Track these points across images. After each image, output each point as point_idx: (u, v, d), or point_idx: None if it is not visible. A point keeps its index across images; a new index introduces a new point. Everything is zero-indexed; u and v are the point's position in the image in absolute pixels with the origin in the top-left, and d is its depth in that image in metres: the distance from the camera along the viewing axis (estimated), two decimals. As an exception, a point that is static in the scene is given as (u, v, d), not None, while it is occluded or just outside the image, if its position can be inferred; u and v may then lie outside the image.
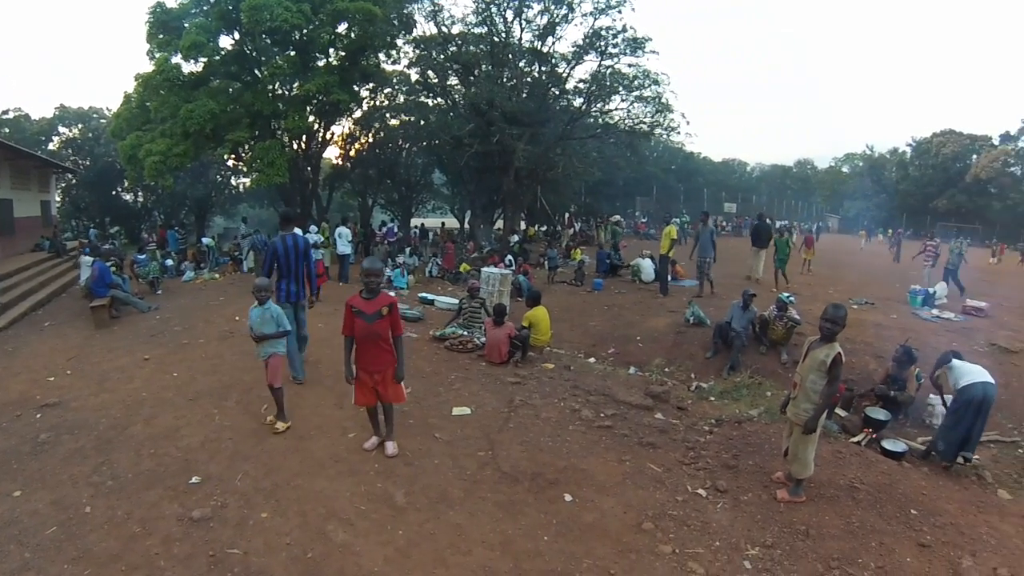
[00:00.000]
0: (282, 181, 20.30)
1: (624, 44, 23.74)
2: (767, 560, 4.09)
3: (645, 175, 42.35)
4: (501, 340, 8.13)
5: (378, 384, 4.96)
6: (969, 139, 61.43)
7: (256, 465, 4.95)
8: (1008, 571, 4.09)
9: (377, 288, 4.93)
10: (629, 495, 4.81)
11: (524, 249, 22.48)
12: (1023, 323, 12.20)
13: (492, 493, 4.70)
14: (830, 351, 4.57)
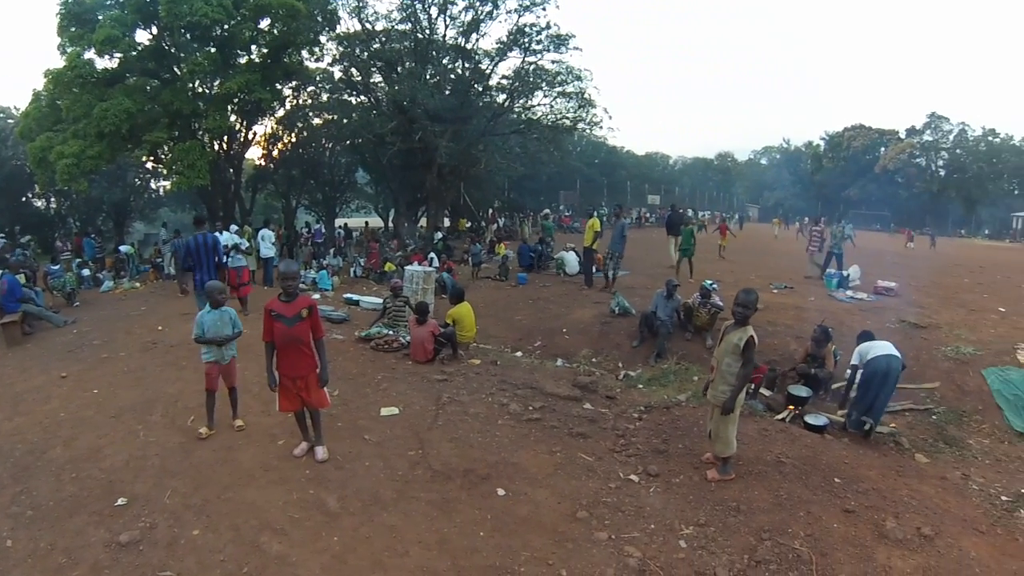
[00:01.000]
0: (203, 183, 19.86)
1: (548, 41, 24.41)
2: (701, 538, 4.28)
3: (568, 169, 43.47)
4: (425, 338, 8.18)
5: (301, 390, 4.95)
6: (878, 133, 67.85)
7: (184, 481, 4.82)
8: (930, 529, 4.44)
9: (296, 291, 4.91)
10: (562, 485, 4.91)
11: (448, 246, 22.68)
12: (930, 300, 13.24)
13: (425, 492, 4.72)
14: (743, 334, 4.84)
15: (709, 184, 74.98)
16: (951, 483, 5.49)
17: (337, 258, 20.10)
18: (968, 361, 8.99)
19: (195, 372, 7.21)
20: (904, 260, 23.19)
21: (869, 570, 3.99)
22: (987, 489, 5.44)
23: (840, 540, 4.30)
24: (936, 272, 19.31)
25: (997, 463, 6.46)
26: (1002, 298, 14.26)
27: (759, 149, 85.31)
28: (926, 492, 5.14)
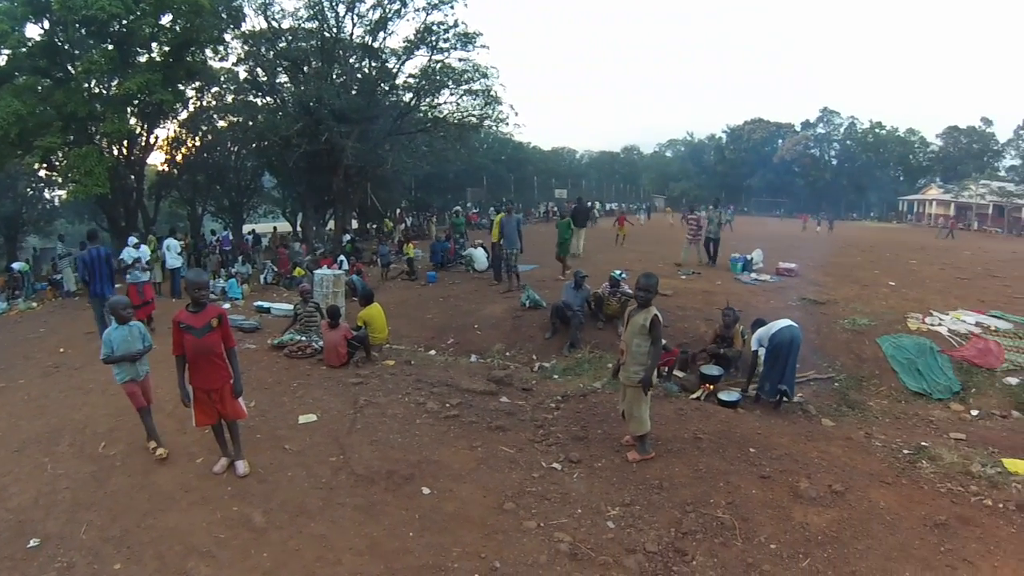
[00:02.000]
0: (102, 192, 18.73)
1: (455, 39, 24.74)
2: (628, 517, 4.46)
3: (475, 166, 44.06)
4: (338, 342, 8.18)
5: (216, 402, 4.91)
6: (775, 126, 74.44)
7: (100, 513, 4.61)
8: (841, 485, 4.85)
9: (205, 300, 4.86)
10: (486, 479, 5.00)
11: (357, 248, 22.58)
12: (828, 279, 14.37)
13: (350, 498, 4.73)
14: (647, 315, 5.13)
15: (616, 177, 77.95)
16: (856, 442, 5.97)
17: (246, 266, 19.86)
18: (864, 331, 9.90)
19: (103, 395, 6.92)
20: (802, 243, 25.02)
21: (788, 528, 4.30)
22: (889, 445, 5.95)
23: (759, 504, 4.62)
24: (832, 253, 20.92)
25: (896, 420, 7.17)
26: (891, 273, 15.79)
27: (664, 142, 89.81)
28: (834, 453, 5.59)
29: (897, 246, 25.00)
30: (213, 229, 33.35)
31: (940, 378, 8.56)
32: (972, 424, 7.28)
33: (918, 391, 8.34)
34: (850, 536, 4.23)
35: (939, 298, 12.49)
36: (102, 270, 9.68)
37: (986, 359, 8.95)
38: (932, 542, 4.18)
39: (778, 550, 4.07)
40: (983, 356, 9.03)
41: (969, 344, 9.51)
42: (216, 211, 35.23)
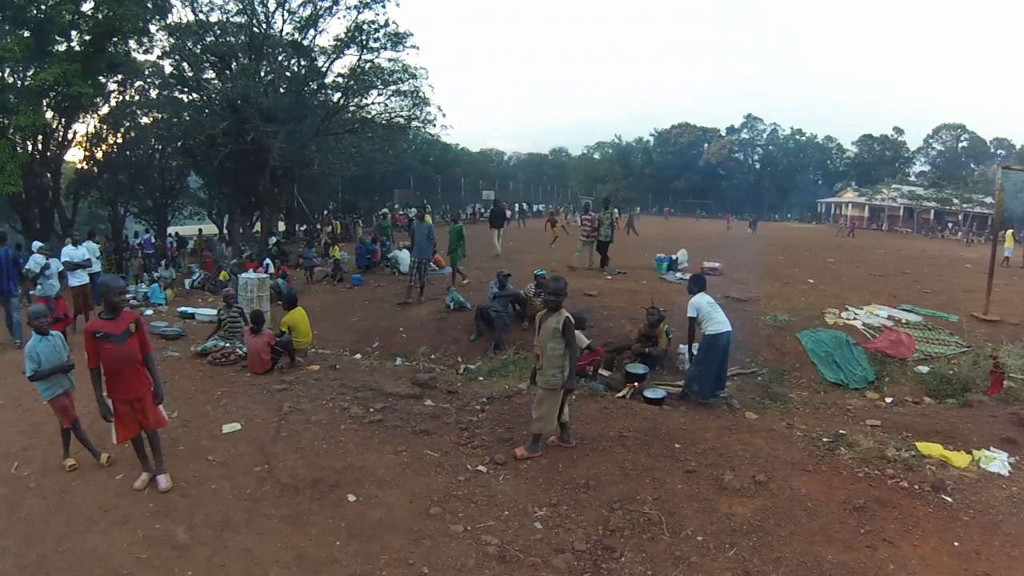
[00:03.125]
0: (15, 190, 17.75)
1: (386, 39, 24.93)
2: (555, 517, 4.51)
3: (403, 168, 44.21)
4: (261, 348, 8.14)
5: (138, 412, 4.81)
6: (701, 131, 78.79)
7: (14, 539, 4.40)
8: (764, 475, 5.07)
9: (120, 306, 4.77)
10: (412, 484, 4.98)
11: (283, 251, 22.32)
12: (750, 277, 15.06)
13: (276, 508, 4.66)
14: (559, 318, 5.26)
15: (544, 178, 79.96)
16: (778, 433, 6.23)
17: (169, 269, 19.54)
18: (784, 327, 10.46)
19: (15, 411, 6.64)
20: (727, 243, 26.13)
21: (714, 520, 4.45)
22: (810, 434, 6.23)
23: (685, 498, 4.75)
24: (755, 252, 22.01)
25: (816, 411, 7.55)
26: (810, 271, 16.78)
27: (592, 144, 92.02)
28: (757, 444, 5.82)
29: (816, 245, 26.55)
30: (136, 231, 32.53)
31: (856, 369, 9.12)
32: (887, 411, 7.72)
33: (836, 382, 8.84)
34: (774, 524, 4.39)
35: (855, 294, 13.33)
36: (8, 269, 9.83)
37: (898, 350, 9.61)
38: (852, 525, 4.40)
39: (705, 541, 4.19)
40: (896, 347, 9.69)
41: (882, 336, 10.18)
42: (139, 212, 33.89)
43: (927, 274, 18.24)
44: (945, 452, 5.71)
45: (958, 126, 72.98)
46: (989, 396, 7.95)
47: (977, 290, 12.87)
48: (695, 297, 7.48)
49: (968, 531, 4.39)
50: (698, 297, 7.46)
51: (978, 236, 42.52)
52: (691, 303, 7.45)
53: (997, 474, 5.39)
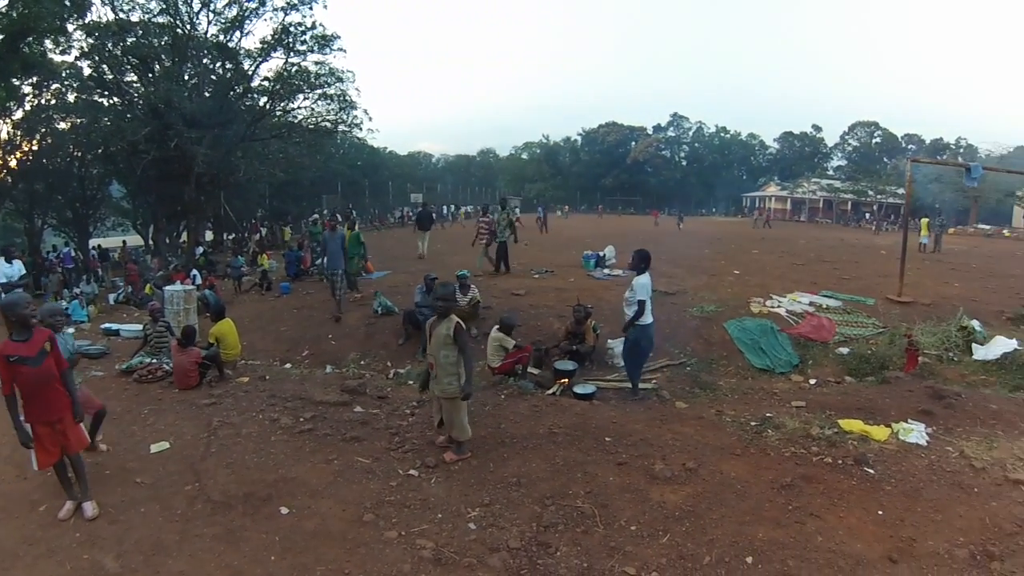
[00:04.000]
0: None
1: (313, 41, 25.05)
2: (489, 516, 4.53)
3: (331, 173, 44.21)
4: (188, 365, 7.99)
5: (60, 434, 4.65)
6: (629, 130, 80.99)
7: None
8: (694, 462, 5.21)
9: (31, 323, 4.57)
10: (344, 492, 4.94)
11: (210, 261, 21.80)
12: (678, 270, 15.61)
13: (208, 527, 4.54)
14: (449, 325, 5.33)
15: (472, 180, 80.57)
16: (708, 420, 6.42)
17: (91, 285, 19.12)
18: (712, 317, 10.92)
19: None
20: (654, 238, 27.07)
21: (646, 509, 4.54)
22: (738, 419, 6.44)
23: (617, 490, 4.83)
24: (682, 246, 22.76)
25: (744, 396, 7.86)
26: (736, 263, 17.50)
27: (520, 145, 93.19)
28: (687, 432, 5.98)
29: (741, 238, 27.85)
30: (55, 244, 31.28)
31: (781, 354, 9.56)
32: (811, 392, 8.10)
33: (762, 368, 9.25)
34: (705, 508, 4.52)
35: (778, 283, 13.99)
36: None
37: (820, 334, 10.13)
38: (781, 503, 4.58)
39: (638, 530, 4.27)
40: (817, 331, 10.22)
41: (805, 322, 10.72)
42: (58, 224, 32.80)
43: (846, 261, 19.36)
44: (866, 427, 6.00)
45: (872, 123, 78.02)
46: (905, 372, 8.53)
47: (892, 275, 13.66)
48: (643, 277, 7.36)
49: (891, 500, 4.65)
50: (645, 277, 7.37)
51: (892, 225, 45.23)
52: (641, 285, 7.29)
53: (916, 444, 5.71)
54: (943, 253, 24.49)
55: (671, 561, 3.93)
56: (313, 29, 24.87)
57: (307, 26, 24.77)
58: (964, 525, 4.34)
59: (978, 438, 5.97)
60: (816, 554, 3.99)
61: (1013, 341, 9.23)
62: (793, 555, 3.97)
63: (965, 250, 27.35)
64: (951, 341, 9.57)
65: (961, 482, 4.99)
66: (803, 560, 3.92)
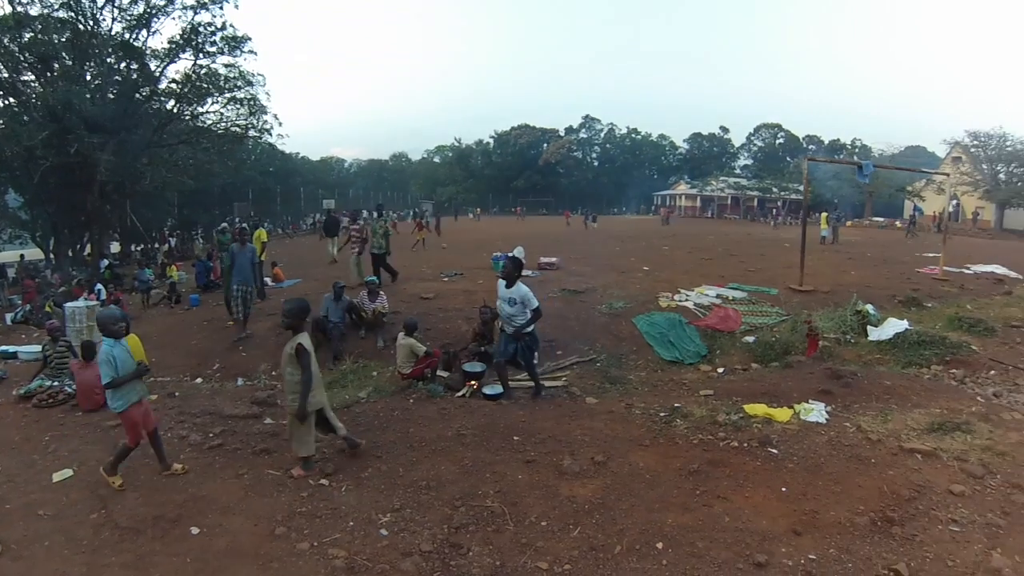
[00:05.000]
0: None
1: (223, 42, 24.55)
2: (400, 521, 4.53)
3: (242, 180, 43.14)
4: (93, 383, 7.52)
5: None
6: (541, 131, 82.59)
7: None
8: (603, 456, 5.36)
9: None
10: (255, 507, 4.86)
11: (116, 274, 20.76)
12: (587, 269, 16.00)
13: (117, 555, 4.37)
14: (293, 344, 5.29)
15: (385, 184, 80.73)
16: (617, 414, 6.60)
17: None
18: (620, 313, 11.20)
19: None
20: (566, 238, 27.67)
21: (556, 504, 4.62)
22: (647, 411, 6.64)
23: (526, 487, 4.90)
24: (594, 244, 23.47)
25: (654, 388, 8.10)
26: (646, 260, 18.06)
27: (432, 148, 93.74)
28: (597, 427, 6.13)
29: (651, 235, 28.86)
30: None
31: (689, 346, 9.90)
32: (719, 380, 8.47)
33: (671, 360, 9.52)
34: (615, 499, 4.64)
35: (687, 277, 14.55)
36: None
37: (727, 324, 10.58)
38: (689, 488, 4.76)
39: (549, 526, 4.34)
40: (724, 322, 10.67)
41: (712, 314, 11.17)
42: None
43: (751, 255, 20.36)
44: (769, 410, 6.33)
45: (775, 125, 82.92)
46: (807, 356, 9.02)
47: (795, 266, 14.37)
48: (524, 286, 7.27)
49: (794, 477, 4.93)
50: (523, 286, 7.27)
51: (787, 219, 48.20)
52: (526, 293, 7.19)
53: (816, 423, 6.10)
54: (841, 244, 26.15)
55: (582, 553, 4.00)
56: (223, 30, 24.45)
57: (217, 26, 24.33)
58: (863, 494, 4.65)
59: (874, 412, 6.43)
60: (724, 534, 4.16)
61: (904, 322, 9.95)
62: (702, 537, 4.13)
63: (861, 241, 29.39)
64: (847, 325, 10.22)
65: (859, 454, 5.35)
66: (711, 541, 4.08)
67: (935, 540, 4.09)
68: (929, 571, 3.79)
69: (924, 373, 8.39)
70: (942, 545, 4.04)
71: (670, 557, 3.94)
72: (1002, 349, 9.72)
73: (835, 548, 4.01)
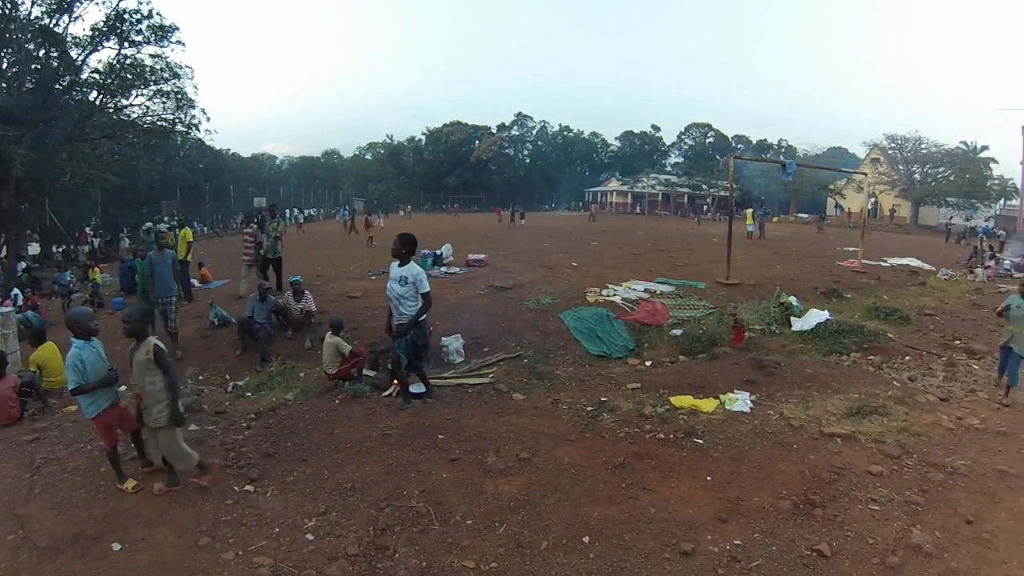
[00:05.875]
0: None
1: (149, 31, 23.43)
2: (326, 525, 4.49)
3: (170, 177, 41.88)
4: (5, 395, 7.33)
5: None
6: (473, 128, 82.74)
7: None
8: (528, 452, 5.39)
9: None
10: (179, 518, 4.72)
11: (34, 278, 19.76)
12: (517, 265, 16.19)
13: None
14: (147, 348, 5.10)
15: (316, 182, 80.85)
16: (544, 409, 6.64)
17: None
18: (548, 309, 11.33)
19: None
20: (496, 235, 27.84)
21: (481, 503, 4.62)
22: (574, 406, 6.70)
23: (451, 486, 4.88)
24: (523, 240, 23.80)
25: (581, 383, 8.15)
26: (575, 255, 18.36)
27: (364, 145, 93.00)
28: (523, 423, 6.15)
29: (581, 231, 29.39)
30: None
31: (617, 340, 10.03)
32: (647, 373, 8.62)
33: (599, 354, 9.63)
34: (540, 495, 4.66)
35: (615, 272, 14.85)
36: None
37: (655, 318, 10.81)
38: (615, 482, 4.82)
39: (475, 524, 4.34)
40: (652, 316, 10.90)
41: (640, 308, 11.39)
42: None
43: (680, 250, 21.00)
44: (695, 401, 6.49)
45: (706, 125, 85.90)
46: (733, 347, 9.35)
47: (722, 260, 14.86)
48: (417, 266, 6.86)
49: (719, 465, 5.08)
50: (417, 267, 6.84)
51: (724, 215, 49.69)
52: (419, 274, 6.74)
53: (740, 412, 6.29)
54: (767, 239, 27.23)
55: (509, 551, 4.01)
56: (150, 18, 23.34)
57: (143, 14, 23.19)
58: (786, 479, 4.84)
59: (796, 400, 6.72)
60: (650, 525, 4.24)
61: (825, 312, 10.46)
62: (628, 529, 4.19)
63: (786, 236, 30.63)
64: (772, 316, 10.65)
65: (782, 441, 5.56)
66: (638, 532, 4.15)
67: (856, 519, 4.30)
68: (851, 549, 3.97)
69: (844, 360, 8.81)
70: (863, 524, 4.24)
71: (597, 550, 3.99)
72: (916, 336, 10.39)
73: (760, 532, 4.16)
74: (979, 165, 48.36)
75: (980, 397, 7.19)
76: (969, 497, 4.62)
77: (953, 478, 4.91)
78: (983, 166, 48.43)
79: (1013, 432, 5.90)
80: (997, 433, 5.87)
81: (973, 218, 44.83)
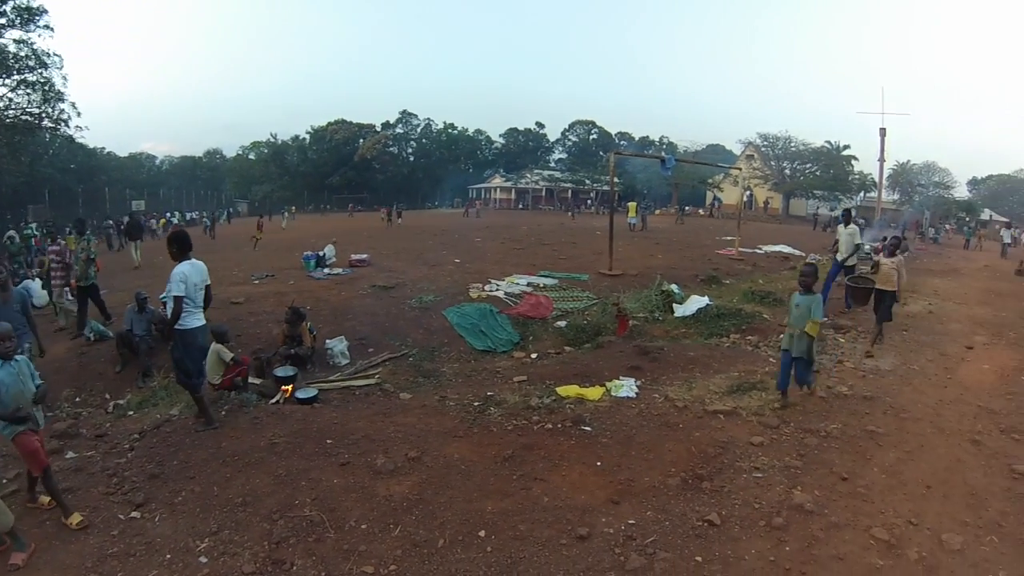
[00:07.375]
0: None
1: (14, 13, 21.79)
2: (219, 545, 4.33)
3: (38, 178, 38.52)
4: None
5: None
6: (357, 127, 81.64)
7: None
8: (416, 451, 5.43)
9: None
10: (60, 557, 4.33)
11: None
12: (400, 264, 16.22)
13: None
14: None
15: (198, 183, 77.16)
16: (431, 407, 6.69)
17: None
18: (431, 307, 11.45)
19: None
20: (380, 234, 27.64)
21: (374, 506, 4.60)
22: (461, 402, 6.80)
23: (342, 491, 4.83)
24: (406, 239, 23.68)
25: (467, 379, 8.28)
26: (458, 252, 18.56)
27: (247, 145, 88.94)
28: (410, 422, 6.19)
29: (465, 228, 29.73)
30: None
31: (501, 334, 10.24)
32: (532, 366, 8.81)
33: (484, 349, 9.80)
34: (432, 493, 4.71)
35: (498, 267, 15.18)
36: None
37: (539, 311, 11.12)
38: (505, 474, 4.94)
39: (369, 528, 4.33)
40: (536, 309, 11.20)
41: (523, 302, 11.69)
42: None
43: (563, 243, 21.62)
44: (581, 390, 6.73)
45: (590, 122, 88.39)
46: (618, 336, 9.73)
47: (605, 252, 15.43)
48: (180, 266, 6.13)
49: (608, 450, 5.31)
50: (184, 266, 6.15)
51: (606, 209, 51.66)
52: (177, 276, 6.02)
53: (627, 397, 6.60)
54: (649, 231, 28.51)
55: (406, 552, 4.04)
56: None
57: None
58: (674, 458, 5.15)
59: (680, 382, 7.13)
60: (544, 514, 4.38)
61: (705, 298, 11.14)
62: (523, 520, 4.31)
63: (667, 228, 32.18)
64: (654, 304, 11.19)
65: (668, 422, 5.90)
66: (533, 522, 4.28)
67: (741, 488, 4.63)
68: (739, 516, 4.27)
69: (724, 342, 9.37)
70: (748, 491, 4.58)
71: (494, 543, 4.08)
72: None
73: (652, 510, 4.39)
74: (842, 162, 53.84)
75: (847, 367, 7.85)
76: (843, 457, 5.11)
77: (827, 441, 5.40)
78: (845, 163, 53.96)
79: (878, 396, 6.56)
80: (864, 398, 6.49)
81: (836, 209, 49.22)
